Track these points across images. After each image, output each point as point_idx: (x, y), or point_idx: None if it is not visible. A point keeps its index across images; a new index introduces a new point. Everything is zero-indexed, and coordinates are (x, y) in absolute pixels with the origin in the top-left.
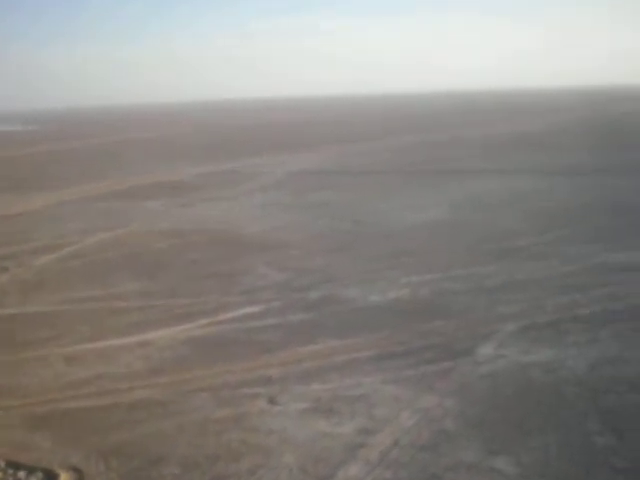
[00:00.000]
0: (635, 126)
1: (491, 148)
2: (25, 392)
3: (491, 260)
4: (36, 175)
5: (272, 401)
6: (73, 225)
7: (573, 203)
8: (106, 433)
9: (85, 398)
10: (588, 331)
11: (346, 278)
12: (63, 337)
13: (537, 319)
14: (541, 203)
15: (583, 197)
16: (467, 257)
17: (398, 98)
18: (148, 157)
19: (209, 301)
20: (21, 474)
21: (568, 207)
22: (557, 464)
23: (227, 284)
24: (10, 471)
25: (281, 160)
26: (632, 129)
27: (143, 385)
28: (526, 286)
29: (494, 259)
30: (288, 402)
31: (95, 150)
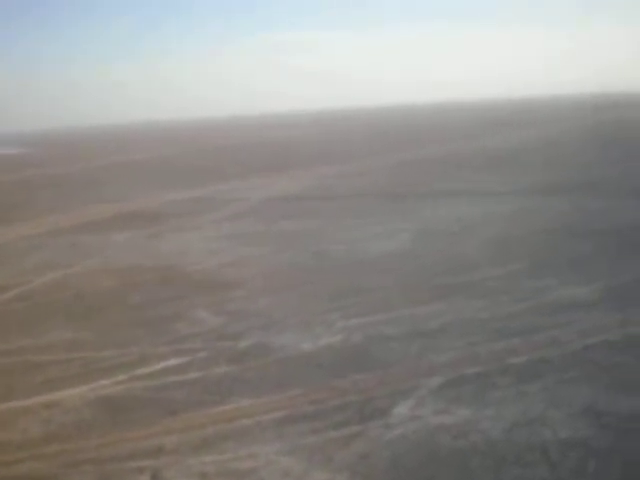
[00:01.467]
0: (622, 136)
1: (472, 166)
2: None
3: (439, 297)
4: (8, 205)
5: (155, 477)
6: (29, 263)
7: (540, 228)
8: None
9: None
10: (516, 385)
11: (284, 322)
12: None
13: (467, 370)
14: (507, 229)
15: (552, 221)
16: (416, 294)
17: (396, 111)
18: (131, 182)
19: (134, 353)
20: None
21: (534, 233)
22: None
23: (159, 332)
24: None
25: (263, 183)
26: (620, 139)
27: (31, 456)
28: (467, 329)
29: (443, 296)
30: (172, 478)
31: (79, 175)
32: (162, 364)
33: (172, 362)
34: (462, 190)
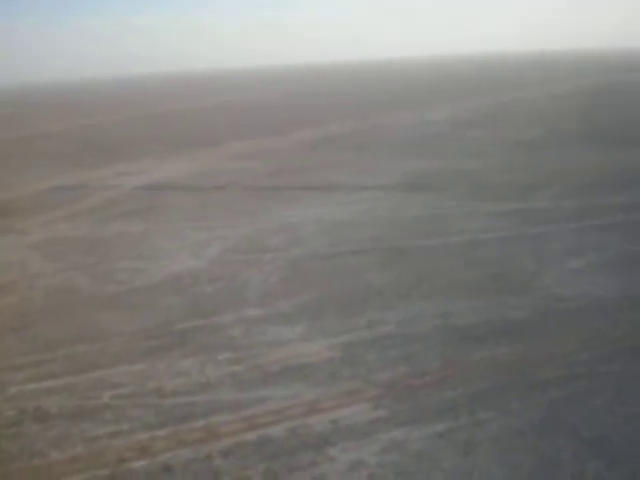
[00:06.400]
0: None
1: (377, 149)
2: None
3: (158, 352)
4: None
5: None
6: None
7: (363, 246)
8: None
9: None
10: None
11: None
12: None
13: None
14: (328, 245)
15: (384, 234)
16: (142, 345)
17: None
18: (28, 161)
19: None
20: None
21: (351, 252)
22: None
23: None
24: None
25: (155, 165)
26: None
27: None
28: (132, 408)
29: (165, 350)
30: None
31: None
32: None
33: None
34: (336, 183)
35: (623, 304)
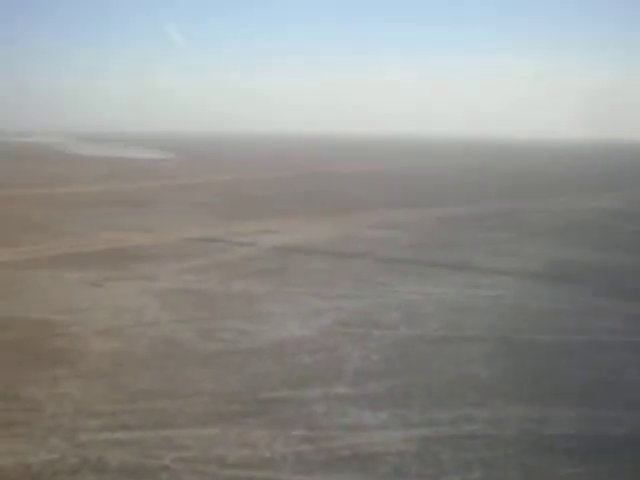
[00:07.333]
0: None
1: (535, 233)
2: None
3: (238, 418)
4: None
5: None
6: None
7: (483, 334)
8: None
9: None
10: None
11: None
12: None
13: None
14: (449, 327)
15: (511, 326)
16: (222, 410)
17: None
18: (176, 211)
19: None
20: None
21: (464, 338)
22: None
23: None
24: None
25: (292, 227)
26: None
27: None
28: (188, 472)
29: (242, 416)
30: None
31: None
32: None
33: None
34: (469, 264)
35: None
